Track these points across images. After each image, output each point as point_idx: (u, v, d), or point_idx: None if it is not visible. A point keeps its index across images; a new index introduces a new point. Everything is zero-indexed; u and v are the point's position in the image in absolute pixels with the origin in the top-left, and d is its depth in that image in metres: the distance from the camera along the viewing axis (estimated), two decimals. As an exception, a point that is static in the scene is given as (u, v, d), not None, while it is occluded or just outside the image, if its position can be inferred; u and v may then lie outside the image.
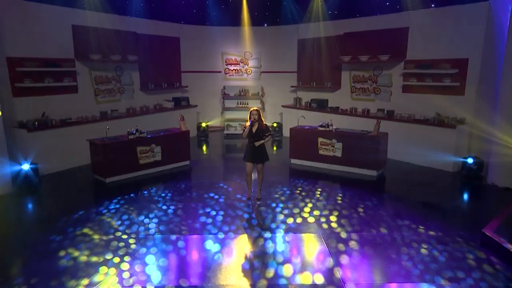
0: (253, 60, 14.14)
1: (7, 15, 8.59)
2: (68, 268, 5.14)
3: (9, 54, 8.76)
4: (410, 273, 4.98)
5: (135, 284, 4.76)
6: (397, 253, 5.49)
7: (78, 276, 4.93)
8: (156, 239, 6.00)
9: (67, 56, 10.03)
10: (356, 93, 12.03)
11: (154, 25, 12.41)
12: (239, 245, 5.89)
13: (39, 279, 4.86)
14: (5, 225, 6.58)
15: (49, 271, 5.08)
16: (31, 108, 9.23)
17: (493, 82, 8.40)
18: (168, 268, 5.24)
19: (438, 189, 8.41)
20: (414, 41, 10.35)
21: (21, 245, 5.87)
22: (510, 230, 5.89)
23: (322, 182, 8.78)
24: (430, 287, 4.66)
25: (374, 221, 6.68)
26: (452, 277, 4.85)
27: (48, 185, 8.42)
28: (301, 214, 6.97)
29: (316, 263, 5.36)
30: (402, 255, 5.48)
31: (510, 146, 7.84)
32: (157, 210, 7.21)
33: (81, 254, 5.50)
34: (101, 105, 11.01)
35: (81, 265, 5.22)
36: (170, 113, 12.35)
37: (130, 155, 8.93)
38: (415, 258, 5.35)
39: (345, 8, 11.73)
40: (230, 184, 8.60)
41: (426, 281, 4.79)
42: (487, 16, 8.83)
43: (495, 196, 7.85)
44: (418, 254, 5.46)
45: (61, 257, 5.43)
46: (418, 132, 9.78)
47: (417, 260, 5.31)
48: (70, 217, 6.77)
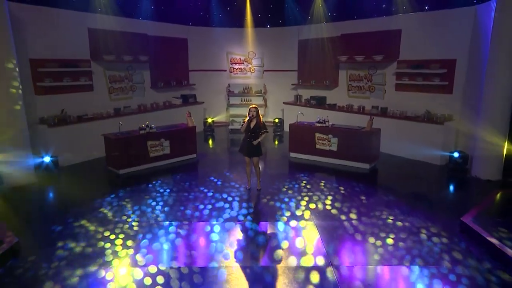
0: (256, 59, 14.24)
1: (29, 20, 8.74)
2: (86, 248, 5.43)
3: (31, 56, 8.92)
4: (393, 256, 5.21)
5: (147, 264, 5.04)
6: (383, 238, 5.71)
7: (95, 257, 5.22)
8: (164, 225, 6.24)
9: (84, 57, 10.18)
10: (352, 91, 12.15)
11: (163, 27, 12.48)
12: (238, 231, 6.11)
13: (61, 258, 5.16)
14: (29, 211, 6.83)
15: (68, 251, 5.37)
16: (51, 105, 9.38)
17: (478, 82, 8.50)
18: (176, 251, 5.49)
19: (425, 181, 8.53)
20: (406, 42, 10.45)
21: (43, 227, 6.12)
22: (487, 219, 6.06)
23: (319, 174, 8.89)
24: (409, 269, 4.90)
25: (364, 209, 6.86)
26: (430, 260, 5.09)
27: (67, 176, 8.65)
28: (297, 204, 7.13)
29: (308, 247, 5.55)
30: (387, 240, 5.68)
31: (492, 142, 8.00)
32: (165, 199, 7.40)
33: (95, 236, 5.78)
34: (115, 102, 11.11)
35: (97, 247, 5.50)
36: (178, 109, 12.43)
37: (141, 149, 9.12)
38: (399, 243, 5.55)
39: (343, 11, 11.80)
40: (233, 176, 8.75)
41: (406, 263, 5.02)
42: (473, 20, 8.93)
43: (478, 187, 7.98)
44: (402, 240, 5.67)
45: (77, 239, 5.71)
46: (409, 128, 9.89)
47: (400, 245, 5.52)
48: (86, 204, 7.03)
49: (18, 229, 5.82)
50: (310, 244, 5.64)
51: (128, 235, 5.88)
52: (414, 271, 4.85)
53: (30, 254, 5.29)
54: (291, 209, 6.92)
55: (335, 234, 5.95)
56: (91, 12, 10.16)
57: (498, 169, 8.17)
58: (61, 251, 5.39)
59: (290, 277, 4.77)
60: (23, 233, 5.75)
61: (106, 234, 5.88)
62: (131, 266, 5.01)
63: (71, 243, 5.61)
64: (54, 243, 5.62)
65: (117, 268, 4.95)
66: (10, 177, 7.61)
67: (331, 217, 6.54)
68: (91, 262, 5.08)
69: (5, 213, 6.38)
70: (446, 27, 9.48)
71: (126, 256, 5.25)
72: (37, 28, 9.00)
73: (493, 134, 8.05)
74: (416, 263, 5.06)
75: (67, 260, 5.13)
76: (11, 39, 7.61)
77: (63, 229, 6.08)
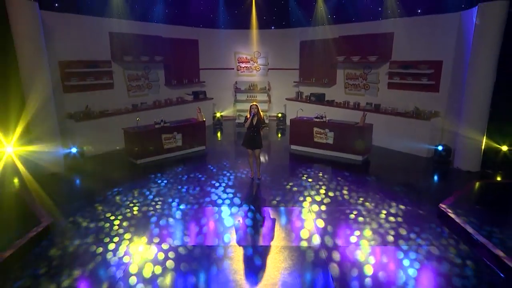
0: (261, 58, 14.25)
1: (58, 26, 8.94)
2: (109, 227, 5.78)
3: (60, 58, 9.14)
4: (376, 236, 5.51)
5: (162, 242, 5.38)
6: (369, 222, 5.98)
7: (116, 234, 5.57)
8: (177, 208, 6.55)
9: (105, 58, 10.37)
10: (349, 89, 12.17)
11: (176, 29, 12.52)
12: (241, 214, 6.37)
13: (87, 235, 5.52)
14: (60, 195, 7.09)
15: (92, 229, 5.73)
16: (77, 102, 9.61)
17: (461, 82, 8.56)
18: (187, 231, 5.81)
19: (412, 171, 8.68)
20: (398, 44, 10.44)
21: (72, 209, 6.43)
22: (462, 206, 6.27)
23: (316, 165, 9.02)
24: (388, 246, 5.23)
25: (354, 196, 7.08)
26: (408, 240, 5.39)
27: (91, 165, 8.89)
28: (295, 191, 7.33)
29: (302, 229, 5.80)
30: (372, 222, 5.96)
31: (472, 137, 8.14)
32: (177, 185, 7.63)
33: (116, 217, 6.12)
34: (133, 98, 11.32)
35: (117, 226, 5.82)
36: (190, 105, 12.56)
37: (156, 141, 9.30)
38: (383, 225, 5.84)
39: (341, 14, 11.76)
40: (238, 165, 8.93)
41: (388, 243, 5.32)
42: (458, 25, 8.94)
43: (458, 177, 8.13)
44: (386, 222, 5.95)
45: (103, 219, 6.05)
46: (399, 123, 9.98)
47: (384, 227, 5.80)
48: (109, 190, 7.32)
49: (52, 210, 6.18)
50: (304, 226, 5.88)
51: (144, 216, 6.20)
52: (393, 248, 5.15)
53: (63, 233, 5.63)
54: (289, 195, 7.12)
55: (326, 217, 6.16)
56: (111, 17, 10.28)
57: (477, 161, 8.33)
58: (86, 229, 5.73)
59: (284, 255, 5.03)
60: (56, 214, 6.09)
61: (127, 215, 6.21)
62: (147, 243, 5.33)
63: (95, 223, 5.94)
64: (81, 222, 5.96)
65: (135, 245, 5.28)
66: (43, 165, 7.87)
67: (324, 203, 6.75)
68: (113, 238, 5.43)
69: (40, 197, 6.67)
70: (434, 31, 9.50)
71: (143, 234, 5.58)
72: (64, 33, 9.18)
73: (473, 130, 8.17)
74: (396, 242, 5.34)
75: (92, 237, 5.47)
76: (43, 44, 7.83)
77: (89, 210, 6.41)
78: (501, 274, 4.52)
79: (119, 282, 4.39)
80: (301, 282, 4.48)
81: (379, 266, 4.79)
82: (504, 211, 6.45)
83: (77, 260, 4.91)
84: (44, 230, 5.45)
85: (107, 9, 10.18)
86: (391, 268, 4.75)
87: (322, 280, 4.54)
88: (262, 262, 4.93)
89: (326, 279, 4.54)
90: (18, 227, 5.50)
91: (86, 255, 5.01)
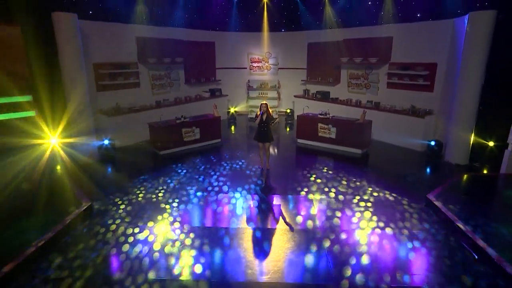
0: (272, 58, 14.26)
1: (92, 33, 9.26)
2: (137, 209, 6.16)
3: (94, 61, 9.50)
4: (368, 220, 5.77)
5: (182, 223, 5.72)
6: (364, 208, 6.22)
7: (142, 217, 5.92)
8: (196, 195, 6.85)
9: (132, 60, 10.65)
10: (351, 87, 12.21)
11: (195, 33, 12.61)
12: (250, 201, 6.64)
13: (120, 217, 5.91)
14: (96, 181, 7.39)
15: (123, 212, 6.08)
16: (108, 99, 9.95)
17: (453, 83, 8.63)
18: (204, 214, 6.13)
19: (407, 164, 8.77)
20: (397, 47, 10.47)
21: (106, 193, 6.78)
22: (448, 196, 6.43)
23: (320, 157, 9.22)
24: (379, 229, 5.49)
25: (353, 185, 7.29)
26: (397, 226, 5.62)
27: (121, 155, 9.20)
28: (300, 180, 7.55)
29: (304, 215, 6.04)
30: (367, 209, 6.21)
31: (462, 134, 8.31)
32: (195, 173, 7.93)
33: (142, 201, 6.46)
34: (156, 96, 11.55)
35: (144, 208, 6.20)
36: (207, 101, 12.69)
37: (177, 134, 9.58)
38: (376, 212, 6.09)
39: (345, 19, 11.73)
40: (250, 157, 9.17)
41: (379, 228, 5.56)
42: (451, 30, 8.94)
43: (448, 170, 8.24)
44: (379, 209, 6.19)
45: (131, 203, 6.42)
46: (396, 120, 10.07)
47: (377, 213, 6.04)
48: (136, 176, 7.69)
49: (90, 194, 6.57)
50: (306, 212, 6.14)
51: (166, 200, 6.55)
52: (383, 231, 5.45)
53: (99, 214, 6.03)
54: (295, 184, 7.34)
55: (327, 204, 6.43)
56: (138, 24, 10.52)
57: (465, 155, 8.47)
58: (118, 211, 6.11)
59: (288, 237, 5.31)
60: (93, 198, 6.48)
61: (152, 200, 6.57)
62: (166, 224, 5.69)
63: (125, 205, 6.33)
64: (114, 204, 6.37)
65: (159, 224, 5.65)
66: (81, 155, 8.33)
67: (325, 191, 6.99)
68: (141, 219, 5.83)
69: (80, 183, 7.10)
70: (430, 35, 9.51)
71: (166, 216, 5.95)
72: (98, 39, 9.49)
73: (463, 127, 8.32)
74: (386, 226, 5.61)
75: (124, 218, 5.85)
76: (81, 49, 8.25)
77: (121, 194, 6.79)
78: (475, 255, 4.81)
79: (145, 258, 4.78)
80: (302, 260, 4.81)
81: (370, 245, 5.09)
82: (487, 201, 6.55)
83: (112, 236, 5.31)
84: (84, 211, 5.83)
85: (134, 16, 10.41)
86: (382, 247, 5.05)
87: (319, 258, 4.84)
88: (268, 243, 5.21)
89: (325, 258, 4.85)
90: (62, 207, 5.87)
91: (120, 233, 5.40)
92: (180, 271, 4.56)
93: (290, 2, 13.05)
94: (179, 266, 4.65)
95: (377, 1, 10.78)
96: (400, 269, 4.60)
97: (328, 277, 4.45)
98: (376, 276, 4.44)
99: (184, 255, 4.89)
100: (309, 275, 4.51)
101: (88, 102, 8.65)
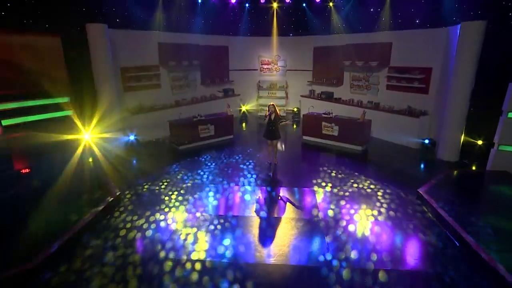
0: (281, 61, 14.33)
1: (119, 40, 9.51)
2: (159, 197, 6.51)
3: (121, 65, 9.84)
4: (371, 211, 6.00)
5: (197, 211, 6.03)
6: (362, 200, 6.46)
7: (160, 203, 6.28)
8: (210, 185, 7.15)
9: (154, 63, 10.94)
10: (353, 89, 12.27)
11: (210, 38, 12.80)
12: (260, 192, 6.88)
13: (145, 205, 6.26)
14: (124, 172, 7.67)
15: (145, 200, 6.42)
16: (133, 99, 10.29)
17: (446, 86, 8.70)
18: (218, 203, 6.41)
19: (402, 160, 8.85)
20: (395, 52, 10.55)
21: (134, 183, 7.17)
22: (438, 189, 6.63)
23: (323, 153, 9.45)
24: (377, 219, 5.74)
25: (352, 178, 7.51)
26: (390, 216, 5.86)
27: (144, 149, 9.49)
28: (304, 174, 7.77)
29: (307, 205, 6.27)
30: (364, 200, 6.45)
31: (453, 133, 8.44)
32: (210, 167, 8.20)
33: (164, 191, 6.80)
34: (175, 96, 11.84)
35: (164, 197, 6.50)
36: (220, 100, 12.97)
37: (194, 131, 9.88)
38: (371, 203, 6.33)
39: (348, 25, 11.80)
40: (259, 152, 9.35)
41: (374, 218, 5.78)
42: (446, 38, 9.02)
43: (439, 166, 8.31)
44: (376, 201, 6.42)
45: (155, 192, 6.74)
46: (394, 119, 10.17)
47: (373, 204, 6.29)
48: (158, 168, 8.03)
49: (119, 185, 6.93)
50: (309, 203, 6.38)
51: (185, 190, 6.86)
52: (377, 220, 5.71)
53: (127, 202, 6.30)
54: (300, 178, 7.57)
55: (328, 195, 6.66)
56: (160, 31, 10.82)
57: (456, 153, 8.62)
58: (142, 198, 6.48)
59: (292, 225, 5.57)
60: (122, 188, 6.83)
61: (172, 189, 6.90)
62: (185, 211, 6.01)
63: (148, 193, 6.68)
64: (140, 194, 6.70)
65: (176, 212, 5.99)
66: (110, 148, 8.53)
67: (326, 183, 7.23)
68: (160, 205, 6.18)
69: (110, 174, 7.43)
70: (426, 42, 9.58)
71: (183, 204, 6.28)
72: (124, 45, 9.81)
73: (454, 127, 8.45)
74: (379, 215, 5.88)
75: (148, 206, 6.19)
76: (110, 54, 8.62)
77: (146, 185, 7.14)
78: (456, 242, 5.09)
79: (168, 240, 5.16)
80: (304, 245, 5.10)
81: (366, 232, 5.40)
82: (472, 196, 6.69)
83: (139, 221, 5.69)
84: (114, 201, 6.15)
85: (156, 24, 10.71)
86: (376, 233, 5.36)
87: (319, 243, 5.14)
88: (275, 230, 5.48)
89: (322, 242, 5.16)
90: (94, 196, 6.24)
91: (145, 219, 5.78)
92: (198, 252, 4.93)
93: (297, 9, 13.13)
94: (197, 248, 5.02)
95: (378, 9, 10.86)
96: (390, 252, 4.89)
97: (326, 261, 4.73)
98: (368, 258, 4.75)
99: (201, 239, 5.24)
100: (310, 259, 4.79)
101: (116, 102, 9.01)
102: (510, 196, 6.53)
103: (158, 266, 4.59)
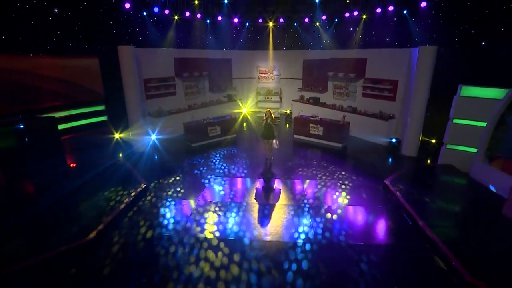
0: (275, 70, 14.31)
1: (143, 56, 9.75)
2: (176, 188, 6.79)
3: (144, 77, 10.11)
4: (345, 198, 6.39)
5: (208, 199, 6.29)
6: (340, 189, 6.80)
7: (180, 192, 6.49)
8: (218, 178, 7.33)
9: (171, 75, 11.19)
10: (336, 95, 12.43)
11: (216, 52, 12.92)
12: (257, 184, 7.06)
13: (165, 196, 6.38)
14: (147, 166, 7.77)
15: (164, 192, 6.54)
16: (153, 105, 10.52)
17: (409, 95, 9.06)
18: (224, 193, 6.62)
19: (373, 155, 9.09)
20: (370, 66, 10.82)
21: (156, 176, 7.25)
22: (399, 180, 6.97)
23: (310, 149, 9.63)
24: (347, 204, 6.18)
25: (331, 170, 7.84)
26: (359, 201, 6.27)
27: (163, 146, 9.52)
28: (295, 167, 7.99)
29: (297, 193, 6.57)
30: (342, 188, 6.77)
31: (414, 133, 8.78)
32: (218, 161, 8.41)
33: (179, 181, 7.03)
34: (188, 101, 12.04)
35: (180, 188, 6.75)
36: (225, 104, 13.08)
37: (204, 131, 10.09)
38: (348, 191, 6.68)
39: (332, 43, 12.03)
40: (257, 149, 9.56)
41: (345, 204, 6.12)
42: (408, 56, 9.34)
43: (403, 161, 8.61)
44: (350, 189, 6.79)
45: (171, 185, 7.00)
46: (368, 121, 10.44)
47: (349, 191, 6.62)
48: (175, 162, 8.24)
49: (144, 177, 7.03)
50: (299, 192, 6.63)
51: (196, 182, 7.09)
52: (352, 205, 6.08)
53: (151, 194, 6.50)
54: (291, 171, 7.76)
55: (312, 185, 6.99)
56: (176, 47, 11.08)
57: (415, 150, 9.00)
58: (162, 188, 6.65)
59: (285, 210, 5.86)
60: (146, 180, 6.88)
61: (187, 181, 7.13)
62: (198, 199, 6.24)
63: (169, 184, 6.86)
64: (161, 187, 6.86)
65: (191, 200, 6.27)
66: (141, 146, 8.90)
67: (312, 175, 7.53)
68: (178, 195, 6.45)
69: (137, 167, 7.60)
70: (393, 59, 9.88)
71: (196, 193, 6.52)
72: (147, 60, 10.05)
73: (414, 128, 8.82)
74: (353, 200, 6.23)
75: (169, 197, 6.33)
76: (136, 69, 8.91)
77: (166, 175, 7.37)
78: (409, 221, 5.63)
79: (187, 223, 5.51)
80: (294, 225, 5.45)
81: (343, 214, 5.82)
82: (426, 184, 6.98)
83: (162, 209, 5.97)
84: (141, 192, 6.39)
85: (172, 42, 10.97)
86: (350, 214, 5.81)
87: (306, 224, 5.51)
88: (270, 213, 5.76)
89: (308, 223, 5.60)
90: (125, 187, 6.47)
91: (167, 207, 6.04)
92: (206, 231, 5.28)
93: (290, 27, 13.25)
94: (206, 228, 5.37)
95: (356, 28, 11.10)
96: (359, 231, 5.35)
97: (311, 237, 5.10)
98: (344, 235, 5.21)
99: (209, 220, 5.55)
100: (300, 237, 5.10)
101: (140, 108, 9.32)
102: (453, 184, 6.92)
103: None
